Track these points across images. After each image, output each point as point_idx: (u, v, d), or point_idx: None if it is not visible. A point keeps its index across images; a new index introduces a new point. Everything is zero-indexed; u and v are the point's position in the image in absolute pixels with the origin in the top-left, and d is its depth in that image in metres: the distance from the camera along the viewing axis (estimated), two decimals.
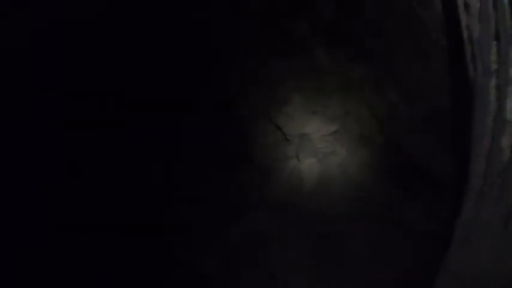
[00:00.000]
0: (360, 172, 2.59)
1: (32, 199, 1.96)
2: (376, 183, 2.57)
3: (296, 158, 2.52)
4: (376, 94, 2.59)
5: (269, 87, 2.52)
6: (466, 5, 2.13)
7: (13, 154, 1.95)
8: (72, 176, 2.03)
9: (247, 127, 2.43)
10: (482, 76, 1.98)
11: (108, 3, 2.07)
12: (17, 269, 1.91)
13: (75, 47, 2.06)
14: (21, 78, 2.00)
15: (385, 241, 2.48)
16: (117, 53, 2.15)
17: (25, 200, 1.95)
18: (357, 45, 2.57)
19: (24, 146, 1.97)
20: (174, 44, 2.28)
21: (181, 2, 2.24)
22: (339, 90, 2.61)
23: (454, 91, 2.56)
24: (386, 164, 2.59)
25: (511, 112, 1.68)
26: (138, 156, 2.12)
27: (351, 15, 2.57)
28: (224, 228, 2.24)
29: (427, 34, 2.57)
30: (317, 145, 2.57)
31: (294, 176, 2.49)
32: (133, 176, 2.12)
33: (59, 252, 1.98)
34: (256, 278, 2.20)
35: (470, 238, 1.77)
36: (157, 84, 2.21)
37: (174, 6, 2.22)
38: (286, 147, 2.53)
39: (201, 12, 2.27)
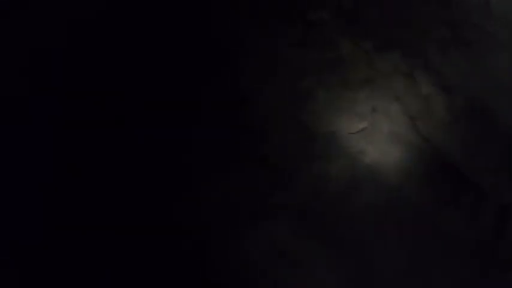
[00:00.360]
0: (391, 173, 2.36)
1: (32, 199, 1.98)
2: (409, 185, 2.33)
3: (322, 158, 2.34)
4: (407, 88, 2.34)
5: (289, 81, 2.35)
6: None
7: (13, 154, 1.98)
8: (72, 176, 2.02)
9: (265, 125, 2.29)
10: None
11: (108, 3, 2.03)
12: (17, 269, 1.93)
13: (75, 46, 2.05)
14: (20, 78, 2.03)
15: (421, 250, 2.24)
16: (118, 53, 2.11)
17: (25, 200, 1.97)
18: (384, 34, 2.33)
19: (24, 146, 1.99)
20: (174, 44, 2.20)
21: (181, 1, 2.15)
22: (365, 84, 2.38)
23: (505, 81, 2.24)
24: (420, 164, 2.34)
25: None
26: (138, 156, 2.07)
27: (376, 0, 2.33)
28: (235, 233, 2.13)
29: (468, 19, 2.26)
30: (344, 144, 2.38)
31: (319, 177, 2.31)
32: (133, 176, 2.07)
33: (59, 252, 1.99)
34: None
35: None
36: (158, 84, 2.15)
37: (174, 6, 2.14)
38: (311, 146, 2.36)
39: (207, 5, 2.17)
